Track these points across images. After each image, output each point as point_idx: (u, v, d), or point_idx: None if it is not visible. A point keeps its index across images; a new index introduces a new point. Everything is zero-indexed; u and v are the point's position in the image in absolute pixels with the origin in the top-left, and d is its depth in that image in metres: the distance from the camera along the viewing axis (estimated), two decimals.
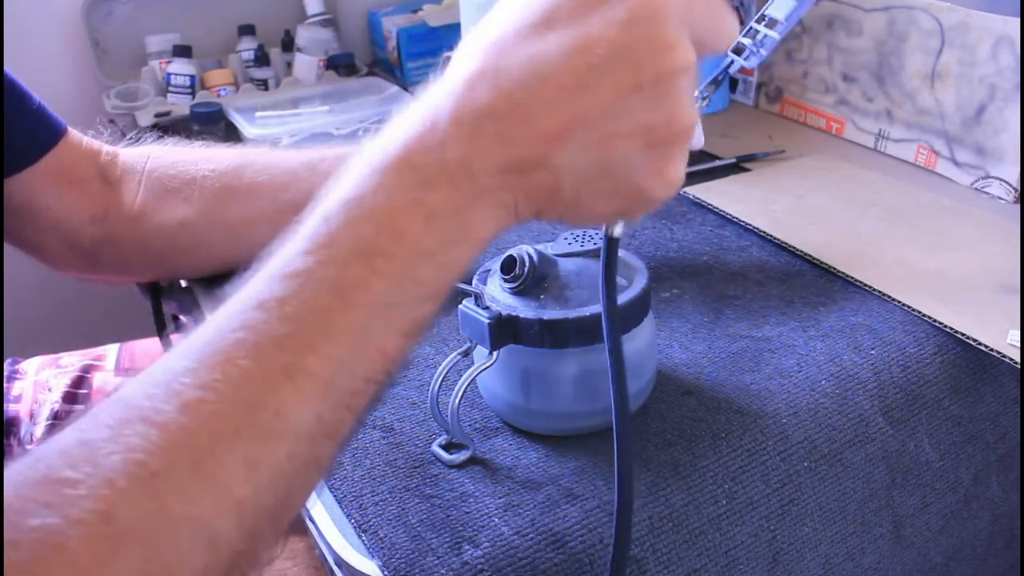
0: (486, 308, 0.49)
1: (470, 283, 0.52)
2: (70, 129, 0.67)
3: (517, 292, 0.50)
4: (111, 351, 0.83)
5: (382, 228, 0.34)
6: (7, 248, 0.69)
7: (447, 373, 0.52)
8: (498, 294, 0.51)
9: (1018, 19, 0.73)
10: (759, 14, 0.62)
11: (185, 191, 0.67)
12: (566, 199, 0.36)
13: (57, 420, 0.75)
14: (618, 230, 0.40)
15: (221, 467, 0.30)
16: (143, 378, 0.32)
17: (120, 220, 0.68)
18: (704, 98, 0.61)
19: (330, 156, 0.67)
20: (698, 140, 0.61)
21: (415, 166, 0.34)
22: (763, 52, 0.63)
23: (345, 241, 0.34)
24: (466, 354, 0.53)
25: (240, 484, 0.31)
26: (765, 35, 0.62)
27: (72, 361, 0.81)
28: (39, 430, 0.75)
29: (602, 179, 0.36)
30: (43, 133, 0.65)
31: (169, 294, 0.77)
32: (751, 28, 0.63)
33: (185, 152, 0.70)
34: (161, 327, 0.75)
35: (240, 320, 0.33)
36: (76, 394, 0.77)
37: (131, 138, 0.73)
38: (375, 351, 0.34)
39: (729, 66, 0.63)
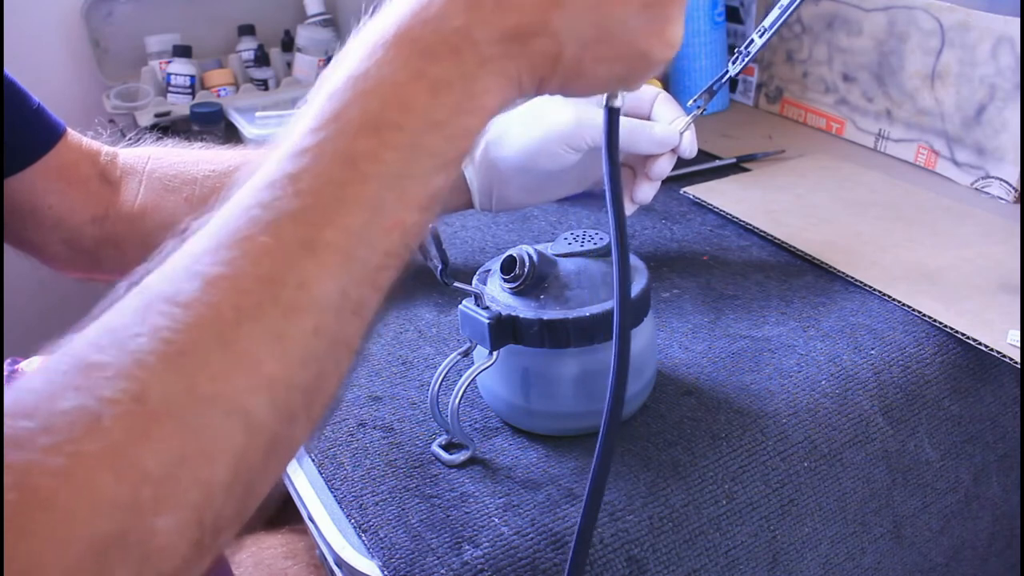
0: (486, 308, 0.49)
1: (470, 283, 0.52)
2: (69, 130, 0.67)
3: (517, 292, 0.50)
4: None
5: (389, 101, 0.34)
6: (7, 248, 0.69)
7: (447, 373, 0.52)
8: (498, 294, 0.51)
9: (1018, 19, 0.73)
10: (758, 28, 0.63)
11: (186, 191, 0.67)
12: (568, 66, 0.37)
13: None
14: (618, 101, 0.40)
15: (249, 343, 0.30)
16: (163, 266, 0.32)
17: (121, 220, 0.68)
18: (699, 108, 0.61)
19: None
20: (691, 149, 0.62)
21: (415, 39, 0.34)
22: (747, 57, 0.64)
23: (353, 115, 0.34)
24: (466, 354, 0.53)
25: (269, 360, 0.30)
26: (751, 40, 0.62)
27: None
28: None
29: (602, 43, 0.36)
30: (42, 133, 0.65)
31: None
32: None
33: (185, 153, 0.70)
34: None
35: (255, 198, 0.33)
36: None
37: (131, 138, 0.73)
38: (392, 223, 0.34)
39: (723, 76, 0.64)
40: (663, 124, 0.62)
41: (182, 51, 1.15)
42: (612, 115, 0.40)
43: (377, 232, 0.34)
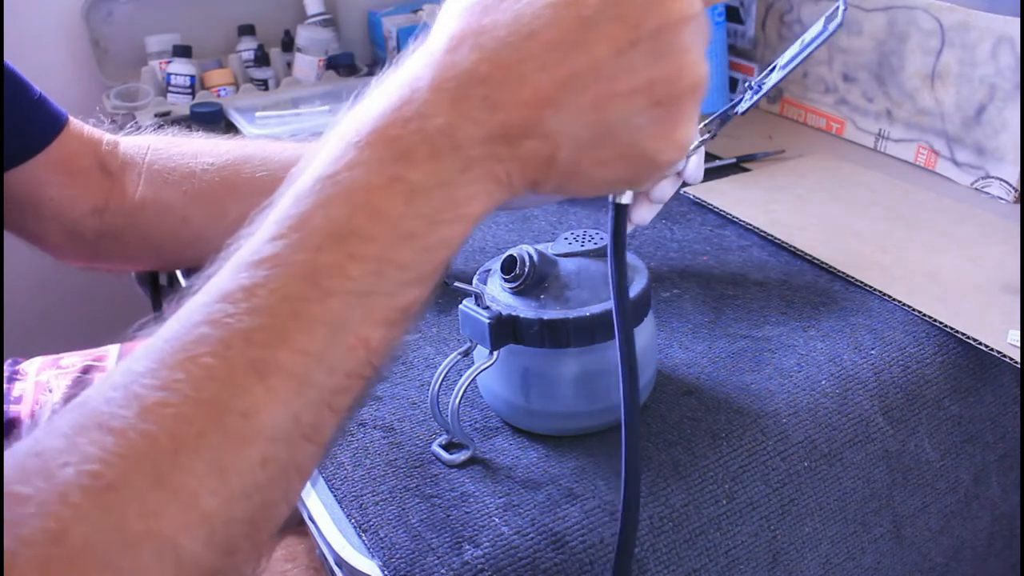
0: (486, 308, 0.49)
1: (470, 283, 0.52)
2: (71, 119, 0.67)
3: (517, 292, 0.50)
4: (112, 351, 0.83)
5: (358, 208, 0.30)
6: (8, 248, 0.69)
7: (447, 373, 0.52)
8: (498, 294, 0.51)
9: (1018, 19, 0.73)
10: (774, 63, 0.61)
11: (184, 184, 0.67)
12: (564, 168, 0.33)
13: None
14: (626, 197, 0.37)
15: (185, 476, 0.27)
16: (103, 381, 0.30)
17: (121, 212, 0.68)
18: (712, 133, 0.59)
19: None
20: (696, 174, 0.60)
21: (392, 138, 0.31)
22: (760, 93, 0.61)
23: (318, 223, 0.30)
24: (466, 354, 0.53)
25: (207, 494, 0.28)
26: (769, 71, 0.61)
27: (73, 361, 0.81)
28: None
29: (602, 144, 0.33)
30: (45, 124, 0.65)
31: (169, 294, 0.77)
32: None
33: (184, 144, 0.69)
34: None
35: (204, 314, 0.30)
36: (77, 395, 0.77)
37: (131, 127, 0.73)
38: (356, 343, 0.31)
39: (738, 103, 0.62)
40: None
41: (182, 51, 1.15)
42: (619, 212, 0.38)
43: (337, 353, 0.31)
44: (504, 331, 0.49)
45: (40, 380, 0.79)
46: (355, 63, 1.22)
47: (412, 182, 0.31)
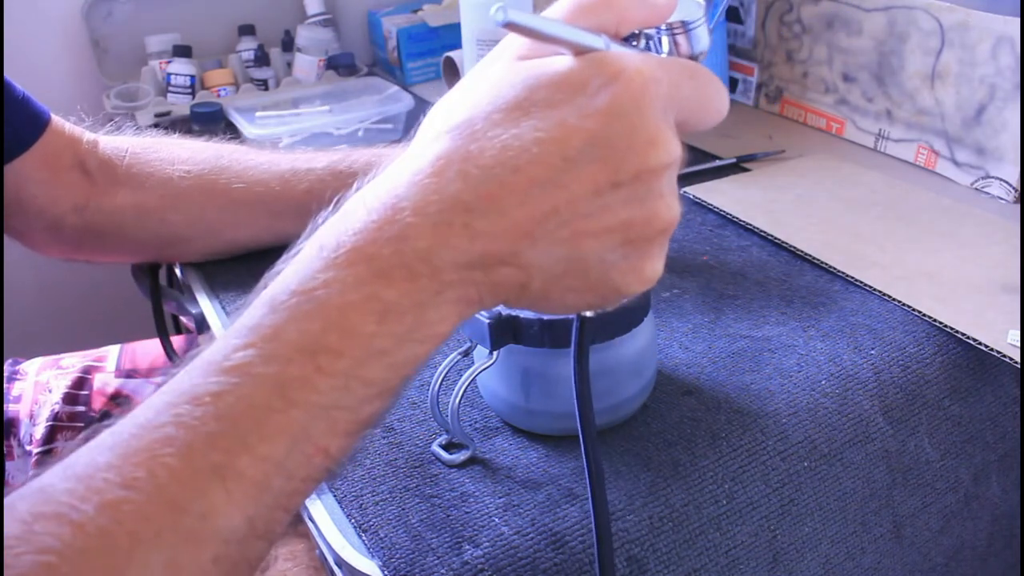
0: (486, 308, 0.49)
1: None
2: (53, 116, 0.68)
3: None
4: (112, 352, 0.83)
5: (332, 324, 0.31)
6: (7, 248, 0.70)
7: (447, 373, 0.52)
8: None
9: (1018, 19, 0.73)
10: None
11: (161, 189, 0.68)
12: (535, 294, 0.34)
13: (57, 421, 0.75)
14: (590, 311, 0.38)
15: (138, 571, 0.28)
16: (66, 465, 0.30)
17: (100, 212, 0.68)
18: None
19: (302, 170, 0.67)
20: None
21: (371, 257, 0.32)
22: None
23: (291, 336, 0.31)
24: (466, 354, 0.53)
25: None
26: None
27: (73, 362, 0.81)
28: (39, 431, 0.75)
29: (574, 275, 0.34)
30: (28, 124, 0.65)
31: (169, 295, 0.77)
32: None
33: (162, 149, 0.70)
34: (162, 329, 0.75)
35: (171, 413, 0.30)
36: (77, 395, 0.77)
37: (111, 128, 0.74)
38: (316, 452, 0.32)
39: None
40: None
41: (182, 51, 1.15)
42: (584, 324, 0.39)
43: (297, 460, 0.31)
44: (504, 331, 0.49)
45: (40, 380, 0.79)
46: (355, 63, 1.22)
47: (387, 302, 0.32)
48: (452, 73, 1.09)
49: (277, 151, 0.70)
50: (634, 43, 0.38)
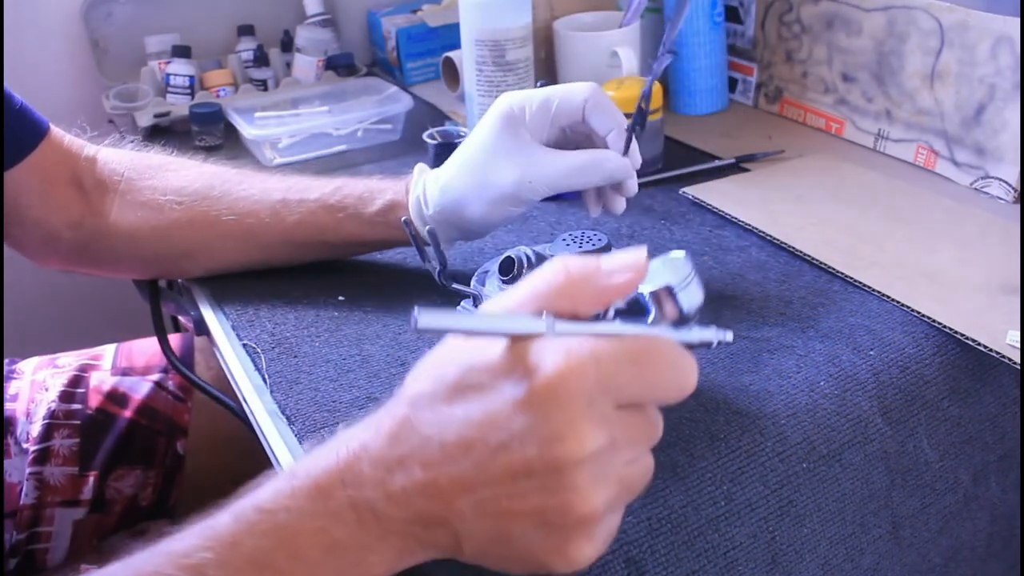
0: None
1: (469, 284, 0.52)
2: (52, 128, 0.68)
3: None
4: (108, 351, 0.83)
5: (282, 545, 0.36)
6: (7, 249, 0.70)
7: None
8: (496, 296, 0.51)
9: (1018, 19, 0.73)
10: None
11: (153, 221, 0.69)
12: (471, 555, 0.37)
13: (54, 419, 0.75)
14: None
15: None
16: None
17: (94, 231, 0.70)
18: (637, 126, 0.61)
19: (293, 202, 0.67)
20: (631, 189, 0.62)
21: (329, 496, 0.36)
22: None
23: (245, 549, 0.36)
24: None
25: None
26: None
27: (69, 361, 0.81)
28: (36, 428, 0.75)
29: (501, 545, 0.36)
30: (25, 133, 0.66)
31: (168, 297, 0.77)
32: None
33: (156, 175, 0.70)
34: (160, 330, 0.75)
35: None
36: (73, 393, 0.77)
37: (113, 138, 0.74)
38: None
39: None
40: (614, 154, 0.60)
41: (181, 51, 1.15)
42: None
43: None
44: None
45: (36, 379, 0.79)
46: (354, 63, 1.22)
47: (334, 538, 0.36)
48: (451, 73, 1.09)
49: (273, 176, 0.70)
50: (603, 313, 0.39)
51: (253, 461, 0.55)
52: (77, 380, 0.78)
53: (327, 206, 0.66)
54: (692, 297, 0.40)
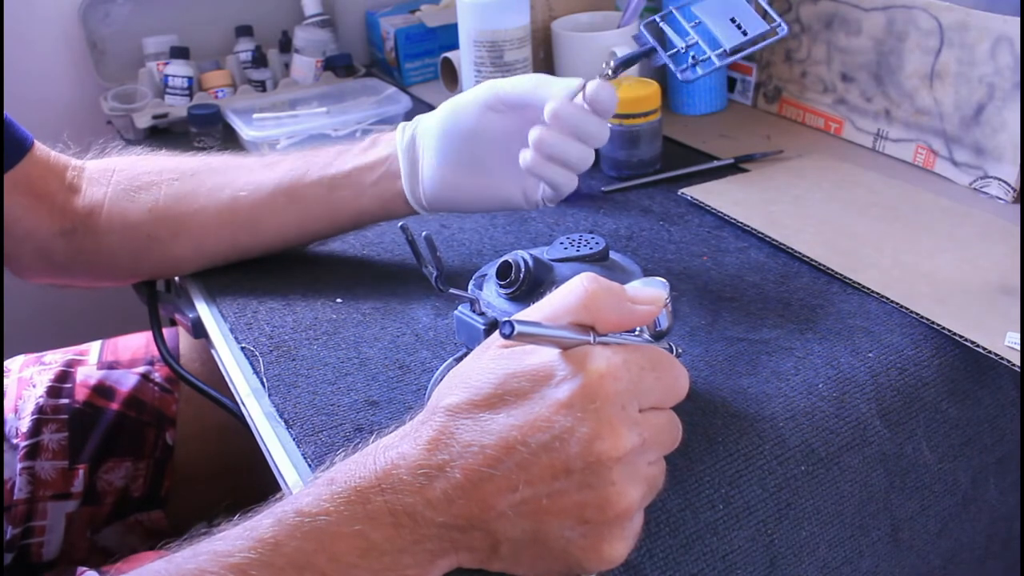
0: (481, 314, 0.49)
1: (466, 288, 0.52)
2: (36, 143, 0.69)
3: (513, 298, 0.50)
4: (94, 347, 0.84)
5: (323, 547, 0.37)
6: None
7: (442, 378, 0.52)
8: (494, 300, 0.50)
9: (1018, 19, 0.73)
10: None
11: (149, 201, 0.69)
12: (505, 558, 0.39)
13: (42, 414, 0.76)
14: None
15: None
16: None
17: (89, 234, 0.69)
18: (609, 73, 0.61)
19: (271, 204, 0.68)
20: (609, 100, 0.61)
21: (367, 500, 0.38)
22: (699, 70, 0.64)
23: (287, 551, 0.37)
24: (460, 360, 0.53)
25: None
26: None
27: (55, 358, 0.81)
28: (24, 424, 0.75)
29: (538, 546, 0.38)
30: (8, 147, 0.66)
31: (165, 299, 0.77)
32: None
33: (149, 162, 0.71)
34: (156, 327, 0.75)
35: None
36: (60, 388, 0.78)
37: (97, 151, 0.75)
38: None
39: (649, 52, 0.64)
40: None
41: (180, 52, 1.15)
42: None
43: None
44: None
45: (23, 376, 0.79)
46: (353, 64, 1.22)
47: (372, 541, 0.37)
48: (450, 74, 1.09)
49: (255, 171, 0.70)
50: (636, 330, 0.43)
51: (241, 449, 0.56)
52: (64, 375, 0.79)
53: (289, 192, 0.68)
54: (669, 318, 0.45)
